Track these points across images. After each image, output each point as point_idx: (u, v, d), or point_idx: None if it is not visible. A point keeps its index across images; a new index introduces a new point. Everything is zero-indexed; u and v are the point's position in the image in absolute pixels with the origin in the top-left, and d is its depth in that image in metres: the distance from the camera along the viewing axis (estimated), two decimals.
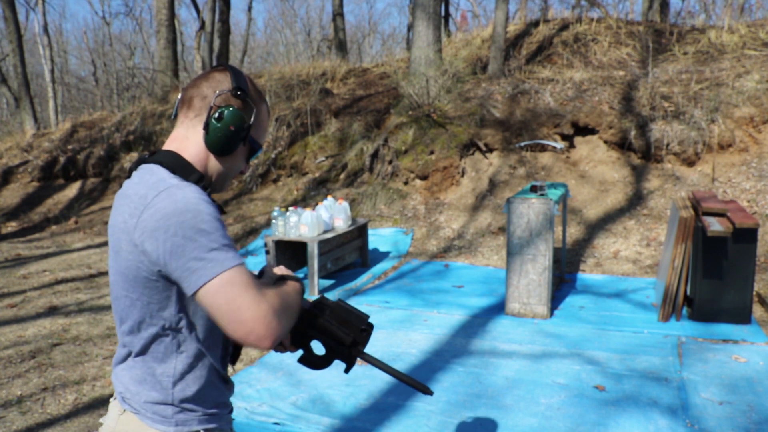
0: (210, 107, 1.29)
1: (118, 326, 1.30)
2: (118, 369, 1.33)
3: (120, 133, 11.35)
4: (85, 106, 26.94)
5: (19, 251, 7.70)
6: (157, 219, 1.13)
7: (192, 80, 1.36)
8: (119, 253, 1.21)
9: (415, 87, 9.25)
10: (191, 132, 1.32)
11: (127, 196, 1.21)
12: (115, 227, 1.22)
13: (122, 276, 1.22)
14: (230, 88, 1.31)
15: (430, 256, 6.66)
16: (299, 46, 36.06)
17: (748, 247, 4.29)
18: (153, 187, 1.18)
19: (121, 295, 1.25)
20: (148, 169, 1.26)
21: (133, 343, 1.26)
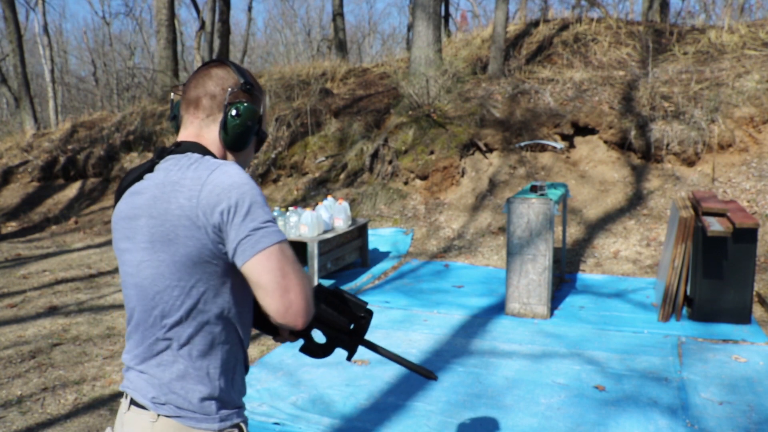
0: (225, 105, 1.30)
1: (157, 321, 1.23)
2: (148, 368, 1.25)
3: (120, 133, 11.34)
4: (85, 106, 26.95)
5: (19, 251, 7.70)
6: (218, 193, 1.15)
7: (192, 79, 1.34)
8: (174, 241, 1.18)
9: (415, 87, 9.25)
10: (205, 131, 1.32)
11: (173, 182, 1.19)
12: (167, 214, 1.18)
13: (176, 264, 1.19)
14: (238, 84, 1.31)
15: (430, 256, 6.66)
16: (299, 46, 36.06)
17: (748, 247, 4.29)
18: (205, 168, 1.20)
19: (168, 285, 1.21)
20: (184, 157, 1.25)
21: (179, 335, 1.22)
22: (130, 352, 1.29)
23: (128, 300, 1.30)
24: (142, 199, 1.24)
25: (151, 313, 1.23)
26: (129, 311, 1.31)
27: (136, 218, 1.24)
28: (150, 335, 1.24)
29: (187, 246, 1.17)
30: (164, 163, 1.27)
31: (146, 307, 1.24)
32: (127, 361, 1.29)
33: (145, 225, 1.21)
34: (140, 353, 1.26)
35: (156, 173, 1.26)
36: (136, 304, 1.26)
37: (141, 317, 1.26)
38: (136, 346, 1.27)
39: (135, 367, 1.27)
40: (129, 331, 1.31)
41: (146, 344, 1.25)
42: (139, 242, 1.23)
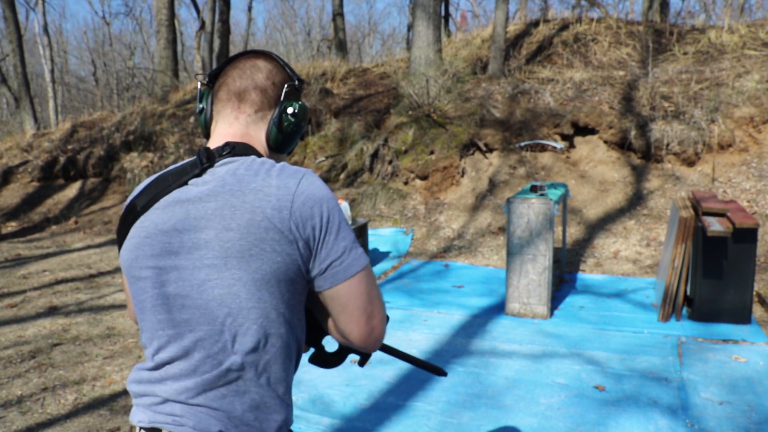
0: (280, 101, 1.19)
1: (228, 347, 1.07)
2: (211, 401, 1.08)
3: (120, 133, 11.35)
4: (85, 106, 26.95)
5: (19, 251, 7.70)
6: (311, 206, 1.07)
7: (233, 68, 1.20)
8: (257, 256, 1.05)
9: (415, 87, 9.25)
10: (252, 129, 1.20)
11: (254, 190, 1.06)
12: (250, 226, 1.04)
13: (256, 283, 1.05)
14: (289, 80, 1.21)
15: (430, 256, 6.66)
16: (299, 46, 36.06)
17: (748, 247, 4.29)
18: (289, 175, 1.09)
19: (245, 306, 1.06)
20: (251, 160, 1.12)
21: (256, 361, 1.08)
22: (178, 382, 1.10)
23: (157, 324, 1.13)
24: (206, 209, 1.08)
25: (218, 338, 1.07)
26: (166, 337, 1.12)
27: (194, 230, 1.08)
28: (215, 363, 1.08)
29: (275, 262, 1.05)
30: (223, 167, 1.12)
31: (210, 332, 1.08)
32: (173, 395, 1.10)
33: (215, 238, 1.05)
34: (198, 385, 1.09)
35: (215, 179, 1.10)
36: (194, 329, 1.09)
37: (200, 344, 1.09)
38: (188, 376, 1.09)
39: (188, 401, 1.08)
40: (167, 359, 1.12)
41: (210, 374, 1.08)
42: (200, 258, 1.07)
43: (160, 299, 1.12)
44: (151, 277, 1.12)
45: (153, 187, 1.15)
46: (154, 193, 1.14)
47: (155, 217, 1.12)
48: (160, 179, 1.15)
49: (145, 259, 1.12)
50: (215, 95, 1.22)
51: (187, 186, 1.12)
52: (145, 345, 1.17)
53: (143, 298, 1.14)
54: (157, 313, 1.13)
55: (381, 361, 3.84)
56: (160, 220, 1.11)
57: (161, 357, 1.12)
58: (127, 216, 1.16)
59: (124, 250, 1.16)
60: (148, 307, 1.14)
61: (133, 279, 1.16)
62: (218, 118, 1.21)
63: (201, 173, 1.12)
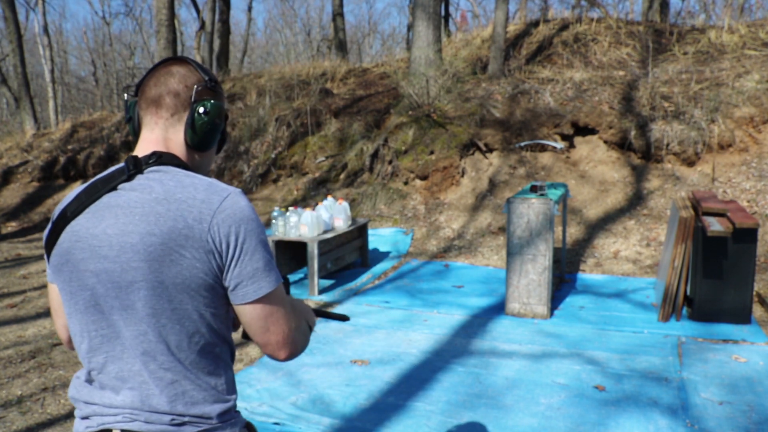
0: (191, 103, 1.23)
1: (157, 346, 1.15)
2: (150, 398, 1.15)
3: (120, 133, 11.34)
4: (85, 106, 26.95)
5: (19, 251, 7.70)
6: (229, 224, 1.13)
7: (150, 77, 1.25)
8: (177, 262, 1.11)
9: (415, 87, 9.25)
10: (171, 132, 1.25)
11: (179, 200, 1.13)
12: (172, 233, 1.11)
13: (178, 286, 1.12)
14: (202, 81, 1.25)
15: (430, 256, 6.66)
16: (299, 46, 36.07)
17: (748, 247, 4.29)
18: (215, 192, 1.15)
19: (167, 308, 1.13)
20: (178, 172, 1.18)
21: (183, 358, 1.16)
22: (115, 389, 1.18)
23: (92, 325, 1.18)
24: (134, 214, 1.13)
25: (144, 338, 1.14)
26: (95, 338, 1.18)
27: (122, 234, 1.12)
28: (145, 362, 1.15)
29: (193, 267, 1.11)
30: (151, 174, 1.17)
31: (137, 332, 1.14)
32: (112, 399, 1.17)
33: (140, 242, 1.11)
34: (135, 386, 1.17)
35: (143, 187, 1.15)
36: (120, 330, 1.15)
37: (130, 343, 1.16)
38: (123, 378, 1.17)
39: (126, 405, 1.16)
40: (102, 361, 1.19)
41: (143, 372, 1.16)
42: (127, 261, 1.12)
43: (92, 301, 1.17)
44: (82, 279, 1.17)
45: (83, 194, 1.19)
46: (84, 199, 1.18)
47: (86, 221, 1.16)
48: (90, 187, 1.19)
49: (76, 263, 1.17)
50: (138, 104, 1.27)
51: (116, 191, 1.17)
52: (78, 347, 1.22)
53: (75, 300, 1.18)
54: (90, 314, 1.18)
55: (381, 361, 3.84)
56: (91, 224, 1.16)
57: (97, 359, 1.18)
58: (58, 223, 1.19)
59: (54, 256, 1.20)
60: (81, 309, 1.18)
61: (63, 283, 1.20)
62: (143, 125, 1.27)
63: (129, 179, 1.17)
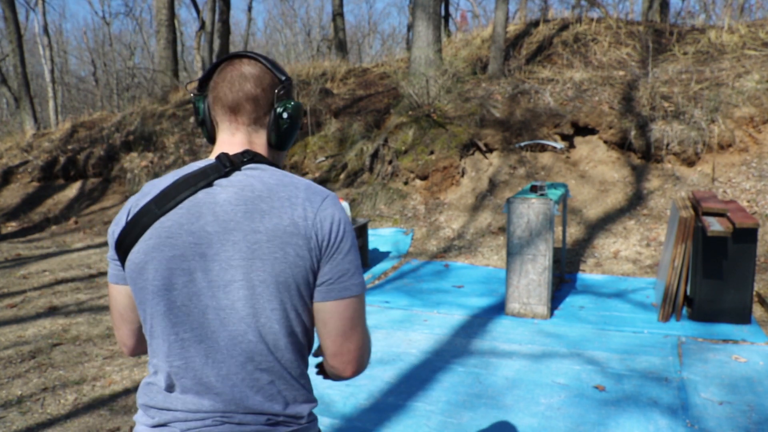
0: (272, 108, 1.22)
1: (252, 345, 1.13)
2: (247, 401, 1.14)
3: (120, 133, 11.34)
4: (85, 106, 26.96)
5: (19, 251, 7.70)
6: (330, 222, 1.14)
7: (222, 80, 1.21)
8: (282, 260, 1.10)
9: (415, 87, 9.25)
10: (254, 137, 1.23)
11: (283, 198, 1.12)
12: (277, 230, 1.10)
13: (280, 284, 1.11)
14: (277, 81, 1.23)
15: (430, 256, 6.66)
16: (299, 46, 36.07)
17: (748, 247, 4.29)
18: (313, 192, 1.16)
19: (267, 307, 1.12)
20: (270, 170, 1.18)
21: (280, 358, 1.16)
22: (198, 395, 1.15)
23: (177, 327, 1.14)
24: (236, 212, 1.11)
25: (242, 338, 1.12)
26: (179, 340, 1.14)
27: (223, 232, 1.11)
28: (240, 363, 1.14)
29: (296, 266, 1.11)
30: (249, 172, 1.16)
31: (235, 332, 1.12)
32: (197, 406, 1.14)
33: (243, 240, 1.10)
34: (225, 390, 1.14)
35: (243, 184, 1.14)
36: (216, 330, 1.13)
37: (224, 345, 1.13)
38: (210, 383, 1.14)
39: (218, 410, 1.14)
40: (183, 364, 1.15)
41: (237, 376, 1.14)
42: (227, 259, 1.11)
43: (180, 300, 1.13)
44: (171, 278, 1.12)
45: (171, 189, 1.14)
46: (174, 195, 1.14)
47: (179, 218, 1.13)
48: (180, 182, 1.15)
49: (166, 260, 1.12)
50: (211, 107, 1.24)
51: (212, 188, 1.14)
52: (154, 351, 1.18)
53: (158, 300, 1.14)
54: (175, 316, 1.13)
55: (381, 361, 3.84)
56: (186, 220, 1.12)
57: (179, 363, 1.14)
58: (140, 219, 1.14)
59: (137, 253, 1.14)
60: (163, 311, 1.14)
61: (145, 282, 1.14)
62: (220, 128, 1.24)
63: (225, 176, 1.15)
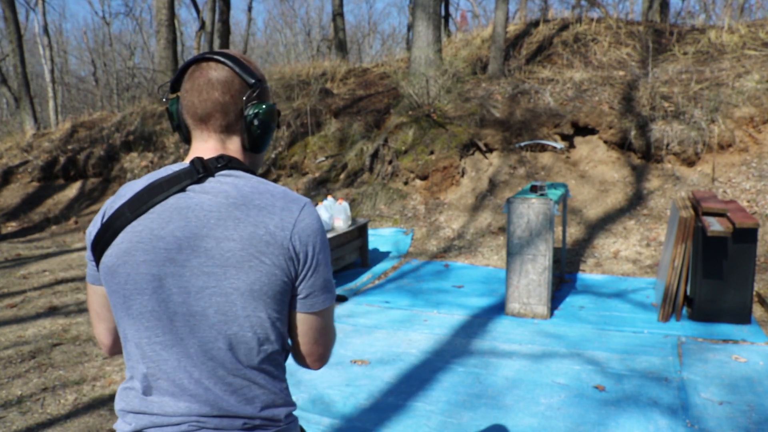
0: (243, 115, 1.19)
1: (225, 353, 1.11)
2: (228, 406, 1.13)
3: (120, 133, 11.34)
4: (85, 106, 26.95)
5: (19, 251, 7.69)
6: (308, 234, 1.14)
7: (191, 88, 1.18)
8: (255, 268, 1.09)
9: (415, 87, 9.25)
10: (228, 143, 1.21)
11: (259, 207, 1.11)
12: (252, 238, 1.09)
13: (254, 292, 1.10)
14: (246, 86, 1.18)
15: (430, 256, 6.66)
16: (299, 46, 36.07)
17: (748, 247, 4.29)
18: (290, 200, 1.15)
19: (240, 315, 1.10)
20: (245, 177, 1.15)
21: (252, 365, 1.15)
22: (175, 397, 1.13)
23: (149, 331, 1.13)
24: (209, 218, 1.10)
25: (213, 345, 1.11)
26: (152, 344, 1.13)
27: (195, 238, 1.09)
28: (211, 370, 1.12)
29: (272, 274, 1.10)
30: (223, 178, 1.14)
31: (205, 339, 1.11)
32: (173, 409, 1.12)
33: (216, 247, 1.08)
34: (199, 396, 1.13)
35: (217, 190, 1.12)
36: (185, 337, 1.11)
37: (195, 351, 1.11)
38: (185, 388, 1.13)
39: (194, 414, 1.12)
40: (157, 370, 1.14)
41: (209, 380, 1.12)
42: (199, 266, 1.09)
43: (150, 305, 1.11)
44: (141, 282, 1.11)
45: (144, 193, 1.13)
46: (146, 199, 1.12)
47: (150, 222, 1.11)
48: (153, 186, 1.13)
49: (136, 265, 1.11)
50: (182, 112, 1.21)
51: (185, 193, 1.12)
52: (129, 353, 1.16)
53: (129, 304, 1.12)
54: (147, 320, 1.12)
55: (381, 361, 3.84)
56: (156, 225, 1.11)
57: (152, 366, 1.13)
58: (114, 222, 1.13)
59: (109, 256, 1.13)
60: (135, 314, 1.12)
61: (117, 285, 1.13)
62: (193, 135, 1.21)
63: (198, 181, 1.13)
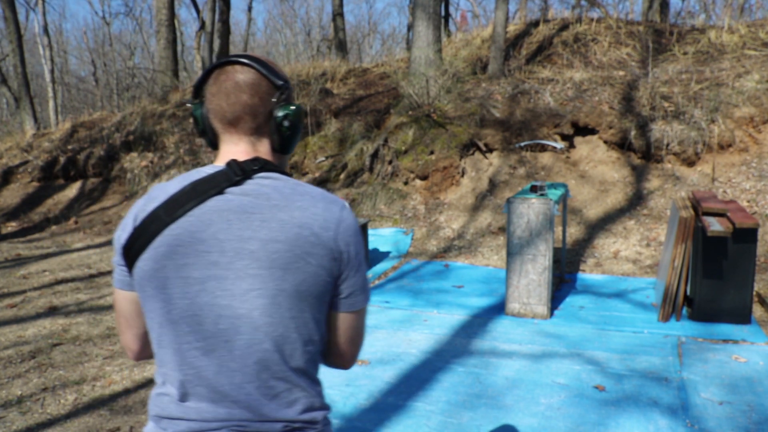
0: (272, 117, 1.19)
1: (272, 356, 1.11)
2: (269, 412, 1.12)
3: (120, 133, 11.34)
4: (85, 106, 26.95)
5: (19, 251, 7.69)
6: (350, 234, 1.16)
7: (218, 91, 1.17)
8: (303, 269, 1.09)
9: (415, 87, 9.25)
10: (258, 146, 1.21)
11: (302, 208, 1.11)
12: (298, 240, 1.09)
13: (301, 293, 1.10)
14: (273, 88, 1.18)
15: (430, 256, 6.66)
16: (299, 46, 36.07)
17: (748, 247, 4.29)
18: (329, 201, 1.16)
19: (286, 316, 1.10)
20: (283, 179, 1.16)
21: (297, 367, 1.14)
22: (213, 403, 1.12)
23: (189, 336, 1.11)
24: (252, 220, 1.09)
25: (259, 347, 1.10)
26: (192, 349, 1.11)
27: (238, 240, 1.09)
28: (255, 373, 1.11)
29: (318, 275, 1.11)
30: (262, 181, 1.14)
31: (251, 341, 1.10)
32: (211, 415, 1.11)
33: (261, 249, 1.08)
34: (244, 395, 1.12)
35: (258, 193, 1.12)
36: (231, 339, 1.10)
37: (235, 354, 1.10)
38: (225, 393, 1.11)
39: (234, 418, 1.12)
40: (195, 376, 1.11)
41: (251, 384, 1.11)
42: (243, 268, 1.08)
43: (191, 310, 1.09)
44: (181, 286, 1.09)
45: (180, 196, 1.11)
46: (183, 201, 1.10)
47: (189, 225, 1.09)
48: (189, 189, 1.11)
49: (176, 269, 1.09)
50: (209, 116, 1.20)
51: (224, 195, 1.11)
52: (163, 359, 1.14)
53: (169, 309, 1.11)
54: (187, 324, 1.10)
55: (381, 361, 3.84)
56: (196, 228, 1.09)
57: (191, 372, 1.11)
58: (148, 226, 1.11)
59: (145, 260, 1.11)
60: (174, 319, 1.10)
61: (154, 290, 1.11)
62: (222, 139, 1.20)
63: (237, 184, 1.12)
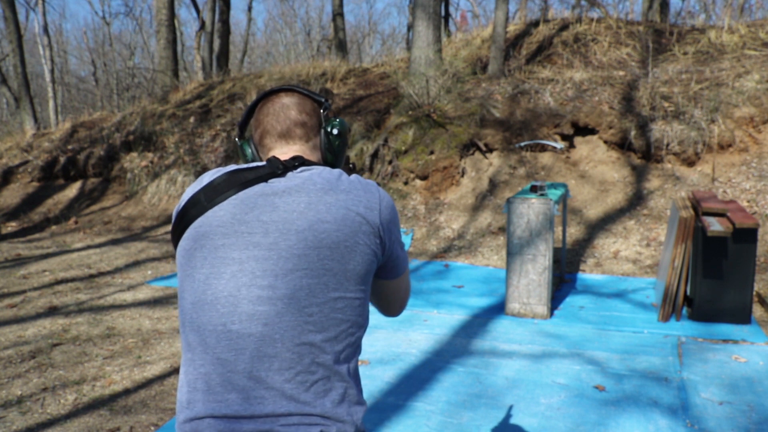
0: (321, 128, 1.30)
1: (311, 336, 1.08)
2: (306, 398, 1.08)
3: (120, 133, 11.34)
4: (85, 106, 26.95)
5: (19, 251, 7.69)
6: (389, 211, 1.21)
7: (264, 116, 1.27)
8: (351, 248, 1.12)
9: (415, 87, 9.25)
10: (308, 155, 1.28)
11: (344, 191, 1.15)
12: (346, 220, 1.12)
13: (347, 273, 1.11)
14: (316, 105, 1.30)
15: (430, 256, 6.66)
16: (299, 46, 36.07)
17: (748, 247, 4.29)
18: (367, 184, 1.22)
19: (331, 297, 1.09)
20: (322, 168, 1.21)
21: (339, 351, 1.12)
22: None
23: (236, 317, 1.08)
24: (299, 202, 1.12)
25: (303, 328, 1.08)
26: (232, 332, 1.07)
27: (283, 222, 1.10)
28: (297, 356, 1.08)
29: (365, 254, 1.14)
30: (303, 173, 1.18)
31: (294, 323, 1.07)
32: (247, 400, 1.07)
33: (309, 229, 1.09)
34: (281, 381, 1.08)
35: (301, 179, 1.16)
36: (270, 321, 1.07)
37: (275, 337, 1.07)
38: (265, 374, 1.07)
39: (286, 400, 1.08)
40: (223, 354, 1.08)
41: (292, 370, 1.08)
42: (288, 248, 1.08)
43: (227, 290, 1.09)
44: (219, 266, 1.10)
45: (221, 182, 1.15)
46: (224, 188, 1.15)
47: (233, 208, 1.13)
48: (231, 175, 1.16)
49: (214, 249, 1.11)
50: (260, 142, 1.29)
51: (267, 183, 1.16)
52: (192, 346, 1.11)
53: (203, 289, 1.10)
54: (220, 306, 1.09)
55: (381, 361, 3.84)
56: (239, 210, 1.12)
57: (222, 356, 1.08)
58: (189, 209, 1.15)
59: (186, 239, 1.15)
60: (208, 300, 1.09)
61: (191, 269, 1.12)
62: (273, 153, 1.29)
63: (280, 176, 1.18)
